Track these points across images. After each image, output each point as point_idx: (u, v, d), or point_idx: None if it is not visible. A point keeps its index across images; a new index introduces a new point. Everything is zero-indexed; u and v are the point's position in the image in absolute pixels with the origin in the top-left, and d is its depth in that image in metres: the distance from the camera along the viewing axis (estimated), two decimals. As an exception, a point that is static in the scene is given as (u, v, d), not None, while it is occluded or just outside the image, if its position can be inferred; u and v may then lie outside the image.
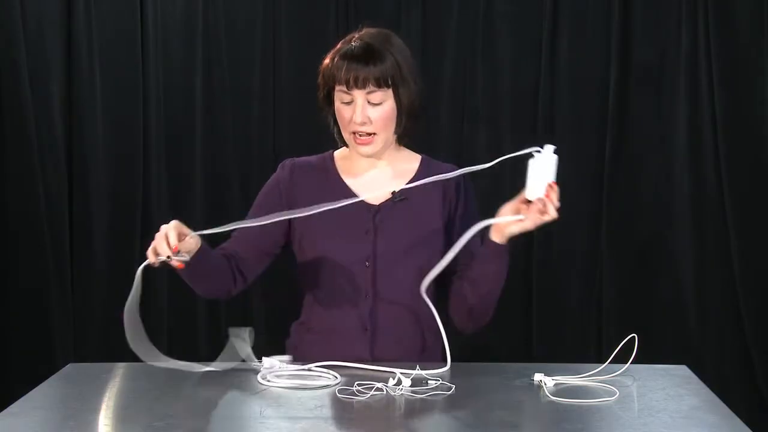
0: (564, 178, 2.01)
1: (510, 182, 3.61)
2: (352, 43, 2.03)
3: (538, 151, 1.88)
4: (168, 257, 1.85)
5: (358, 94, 2.00)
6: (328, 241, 2.04)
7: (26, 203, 3.72)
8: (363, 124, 2.01)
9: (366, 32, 2.05)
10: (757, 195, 3.76)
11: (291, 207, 2.04)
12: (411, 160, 2.17)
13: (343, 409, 1.70)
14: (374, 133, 2.03)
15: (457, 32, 3.83)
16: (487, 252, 2.00)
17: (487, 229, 1.97)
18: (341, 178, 2.12)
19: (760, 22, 3.72)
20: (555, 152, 1.89)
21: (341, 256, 2.05)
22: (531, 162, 1.89)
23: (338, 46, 2.05)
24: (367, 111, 2.01)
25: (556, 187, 1.90)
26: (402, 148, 2.16)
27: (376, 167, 2.13)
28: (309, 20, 3.84)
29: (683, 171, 3.79)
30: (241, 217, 3.94)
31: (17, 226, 3.75)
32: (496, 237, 1.99)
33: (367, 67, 1.99)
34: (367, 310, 2.05)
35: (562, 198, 1.95)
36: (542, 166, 1.89)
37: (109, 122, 3.79)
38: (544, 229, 2.01)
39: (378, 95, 2.01)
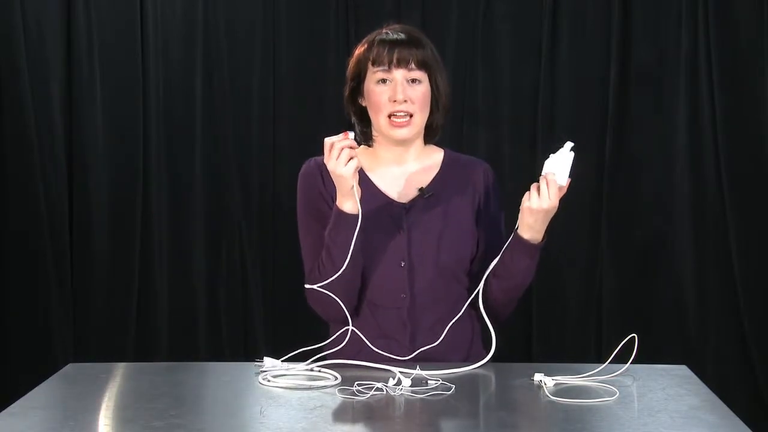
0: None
1: (509, 183, 3.63)
2: (387, 31, 2.06)
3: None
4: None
5: (398, 73, 2.02)
6: (364, 243, 1.99)
7: (26, 203, 3.72)
8: (404, 101, 2.02)
9: (397, 25, 2.09)
10: (757, 195, 3.76)
11: (330, 204, 2.01)
12: (434, 154, 2.17)
13: (343, 409, 1.70)
14: (411, 115, 2.04)
15: (457, 32, 3.82)
16: (516, 248, 2.01)
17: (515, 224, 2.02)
18: (366, 175, 2.10)
19: (760, 22, 3.72)
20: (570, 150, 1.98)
21: (377, 256, 2.04)
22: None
23: (369, 38, 2.08)
24: (407, 89, 2.02)
25: (546, 179, 1.96)
26: (426, 146, 2.16)
27: (402, 163, 2.13)
28: (309, 20, 3.84)
29: (683, 171, 3.79)
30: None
31: (17, 226, 3.75)
32: (523, 232, 2.00)
33: (409, 49, 2.03)
34: (405, 309, 2.05)
35: (562, 198, 1.97)
36: (552, 159, 1.98)
37: (109, 122, 3.79)
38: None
39: (418, 73, 2.04)
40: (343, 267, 1.94)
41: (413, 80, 2.03)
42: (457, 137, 3.75)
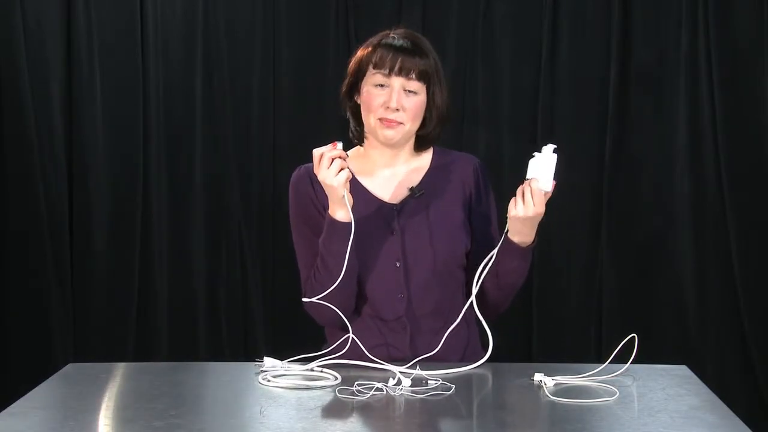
0: (564, 178, 2.02)
1: (508, 183, 3.63)
2: (394, 36, 2.06)
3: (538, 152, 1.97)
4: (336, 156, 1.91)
5: (397, 81, 2.02)
6: (358, 246, 1.99)
7: (26, 203, 3.72)
8: (396, 110, 2.02)
9: (403, 30, 2.09)
10: (757, 195, 3.76)
11: (322, 212, 2.03)
12: (425, 155, 2.17)
13: (343, 409, 1.70)
14: (402, 123, 2.04)
15: (457, 32, 3.82)
16: (507, 250, 2.02)
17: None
18: (357, 179, 2.11)
19: (760, 22, 3.71)
20: (554, 152, 1.97)
21: (372, 259, 2.05)
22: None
23: (374, 39, 2.08)
24: (402, 98, 2.02)
25: (530, 185, 1.95)
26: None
27: (392, 165, 2.13)
28: (309, 20, 3.84)
29: (683, 171, 3.79)
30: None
31: (17, 225, 3.74)
32: (513, 236, 2.01)
33: (413, 58, 2.03)
34: (403, 309, 2.05)
35: (562, 198, 1.98)
36: (536, 162, 1.97)
37: (109, 122, 3.79)
38: (543, 229, 2.01)
39: (415, 85, 2.03)
40: (339, 278, 1.95)
41: (410, 90, 2.04)
42: (457, 137, 3.75)
